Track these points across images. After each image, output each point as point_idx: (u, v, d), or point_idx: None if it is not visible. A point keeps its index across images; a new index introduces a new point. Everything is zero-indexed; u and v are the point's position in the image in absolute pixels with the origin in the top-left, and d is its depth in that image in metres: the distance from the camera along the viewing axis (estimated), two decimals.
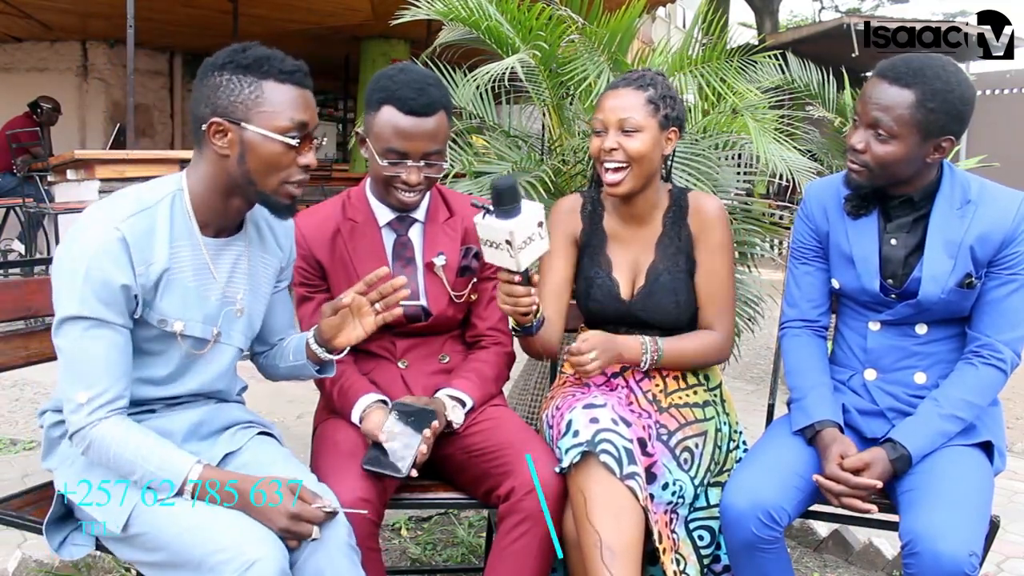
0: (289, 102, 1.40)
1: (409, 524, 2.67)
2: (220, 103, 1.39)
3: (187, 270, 1.46)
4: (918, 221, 1.71)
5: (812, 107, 3.89)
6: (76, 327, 1.37)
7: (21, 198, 6.73)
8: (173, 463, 1.38)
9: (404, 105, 1.67)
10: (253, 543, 1.31)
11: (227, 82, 1.39)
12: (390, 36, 8.79)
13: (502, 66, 2.47)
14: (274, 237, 1.64)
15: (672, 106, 1.81)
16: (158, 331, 1.45)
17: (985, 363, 1.67)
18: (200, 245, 1.47)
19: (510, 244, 1.45)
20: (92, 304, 1.35)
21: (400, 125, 1.68)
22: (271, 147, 1.39)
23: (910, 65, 1.59)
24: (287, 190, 1.44)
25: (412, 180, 1.71)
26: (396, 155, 1.70)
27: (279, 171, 1.41)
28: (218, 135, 1.40)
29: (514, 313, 1.58)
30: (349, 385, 1.75)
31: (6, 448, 3.16)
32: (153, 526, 1.37)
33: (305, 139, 1.43)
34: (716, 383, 1.90)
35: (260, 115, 1.39)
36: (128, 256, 1.37)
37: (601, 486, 1.55)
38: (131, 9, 5.29)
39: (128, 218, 1.38)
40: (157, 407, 1.52)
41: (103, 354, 1.37)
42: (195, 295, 1.47)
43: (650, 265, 1.86)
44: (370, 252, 1.80)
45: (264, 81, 1.39)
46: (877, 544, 2.54)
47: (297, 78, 1.42)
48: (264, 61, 1.40)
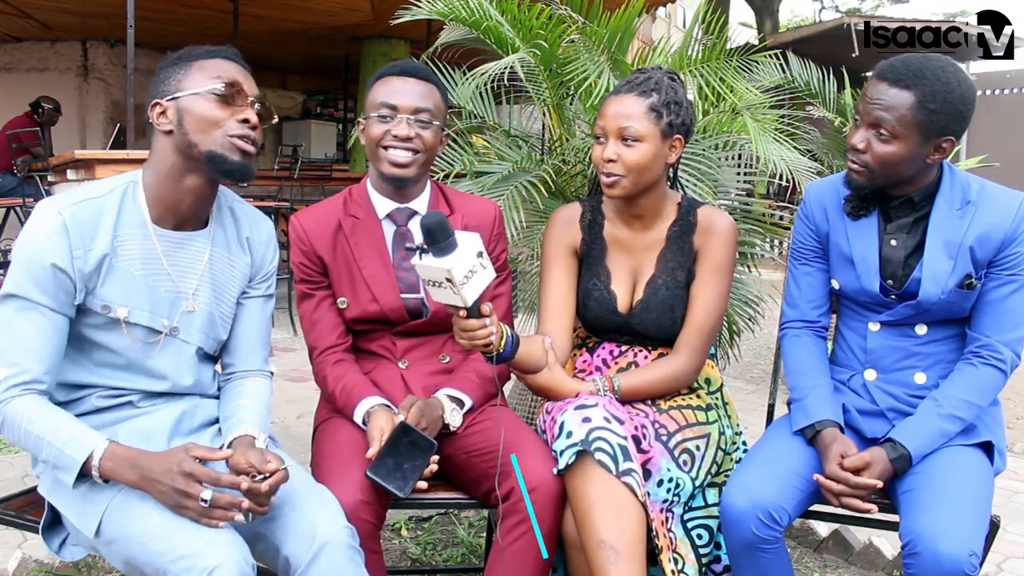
0: (216, 67, 1.49)
1: (409, 524, 2.67)
2: (157, 90, 1.50)
3: (134, 259, 1.48)
4: (918, 222, 1.71)
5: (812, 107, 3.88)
6: (9, 305, 1.40)
7: (21, 198, 6.73)
8: (79, 441, 1.36)
9: (396, 68, 1.80)
10: (213, 548, 1.29)
11: (163, 74, 1.51)
12: (390, 36, 8.79)
13: (500, 66, 2.47)
14: (242, 240, 1.64)
15: (677, 112, 1.75)
16: (104, 318, 1.47)
17: (985, 363, 1.67)
18: (151, 235, 1.50)
19: (451, 282, 1.41)
20: (25, 285, 1.40)
21: (391, 84, 1.78)
22: (201, 103, 1.46)
23: (910, 66, 1.59)
24: (231, 143, 1.47)
25: (401, 133, 1.73)
26: (387, 108, 1.75)
27: (215, 125, 1.46)
28: (160, 116, 1.48)
29: (474, 348, 1.54)
30: (353, 385, 1.75)
31: (6, 448, 3.16)
32: (122, 532, 1.36)
33: (238, 96, 1.48)
34: (717, 386, 1.89)
35: (190, 81, 1.48)
36: (67, 240, 1.41)
37: (599, 485, 1.54)
38: (131, 9, 5.29)
39: (72, 205, 1.44)
40: (134, 398, 1.52)
41: (28, 335, 1.39)
42: (142, 283, 1.49)
43: (649, 278, 1.83)
44: (371, 246, 1.81)
45: (192, 61, 1.50)
46: (877, 544, 2.54)
47: (224, 53, 1.52)
48: (192, 49, 1.51)
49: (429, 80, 1.80)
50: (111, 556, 1.42)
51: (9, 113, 7.86)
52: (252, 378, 1.66)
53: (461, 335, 1.52)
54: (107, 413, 1.51)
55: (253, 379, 1.66)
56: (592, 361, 1.90)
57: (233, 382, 1.65)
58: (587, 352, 1.92)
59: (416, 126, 1.75)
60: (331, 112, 12.44)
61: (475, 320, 1.49)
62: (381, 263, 1.80)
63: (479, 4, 2.65)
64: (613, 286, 1.85)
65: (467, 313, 1.48)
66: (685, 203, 1.86)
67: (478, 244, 1.44)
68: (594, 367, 1.88)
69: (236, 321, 1.65)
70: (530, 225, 2.65)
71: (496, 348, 1.56)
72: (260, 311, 1.68)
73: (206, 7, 7.96)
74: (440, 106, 1.80)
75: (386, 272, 1.80)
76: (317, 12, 8.32)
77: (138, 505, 1.36)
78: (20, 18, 8.94)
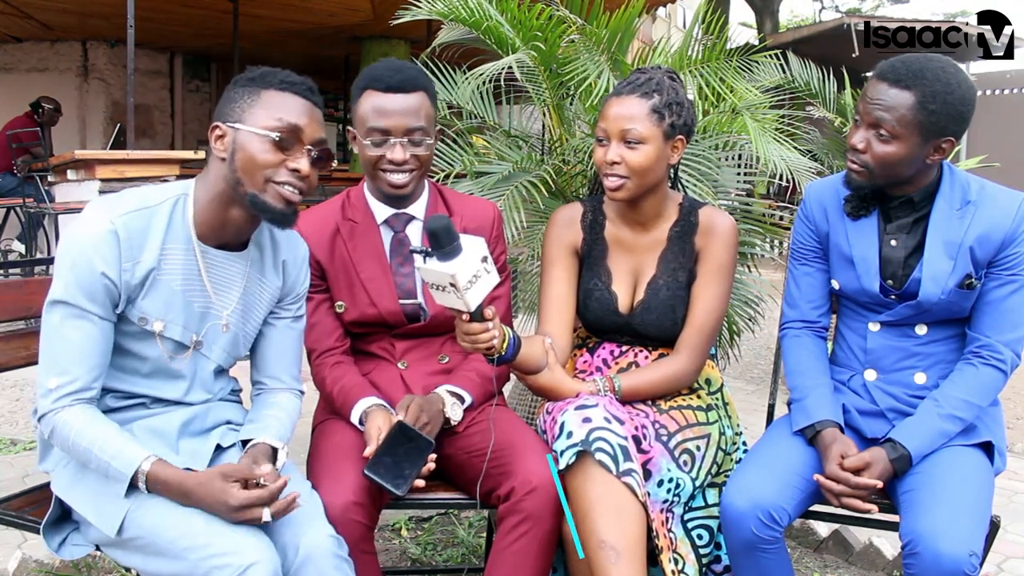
0: (282, 105, 1.43)
1: (409, 524, 2.67)
2: (223, 110, 1.45)
3: (176, 273, 1.47)
4: (918, 222, 1.71)
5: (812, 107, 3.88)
6: (58, 312, 1.39)
7: (21, 198, 6.74)
8: (126, 454, 1.37)
9: (381, 84, 1.71)
10: (249, 547, 1.31)
11: (232, 94, 1.45)
12: (390, 36, 8.80)
13: (499, 66, 2.47)
14: (276, 262, 1.61)
15: (679, 113, 1.75)
16: (138, 329, 1.46)
17: (985, 363, 1.67)
18: (195, 252, 1.48)
19: (455, 287, 1.40)
20: (74, 292, 1.38)
21: (379, 103, 1.71)
22: (255, 143, 1.41)
23: (910, 66, 1.59)
24: (275, 191, 1.43)
25: (397, 158, 1.71)
26: (379, 133, 1.71)
27: (262, 169, 1.42)
28: (218, 140, 1.45)
29: (476, 350, 1.54)
30: (351, 386, 1.75)
31: (6, 448, 3.16)
32: (148, 530, 1.37)
33: (296, 143, 1.43)
34: (717, 386, 1.89)
35: (252, 115, 1.42)
36: (117, 250, 1.39)
37: (599, 485, 1.54)
38: (131, 9, 5.29)
39: (125, 214, 1.41)
40: (147, 401, 1.52)
41: (78, 343, 1.39)
42: (180, 299, 1.48)
43: (651, 279, 1.83)
44: (369, 251, 1.81)
45: (265, 89, 1.44)
46: (877, 544, 2.54)
47: (298, 88, 1.45)
48: (268, 74, 1.45)
49: (416, 87, 1.73)
50: (127, 555, 1.42)
51: (9, 113, 7.87)
52: (284, 393, 1.66)
53: (463, 338, 1.52)
54: (120, 413, 1.51)
55: (285, 394, 1.66)
56: (592, 361, 1.90)
57: (264, 395, 1.66)
58: (587, 352, 1.92)
59: (410, 147, 1.72)
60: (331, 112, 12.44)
61: (478, 324, 1.49)
62: (379, 268, 1.80)
63: (479, 4, 2.65)
64: (614, 286, 1.85)
65: (470, 317, 1.48)
66: (686, 204, 1.86)
67: (483, 249, 1.43)
68: (594, 367, 1.88)
69: (267, 341, 1.65)
70: (530, 225, 2.65)
71: (498, 351, 1.56)
72: (291, 332, 1.67)
73: (206, 7, 7.96)
74: (431, 113, 1.76)
75: (384, 277, 1.79)
76: (317, 12, 8.33)
77: (164, 503, 1.37)
78: (20, 18, 8.94)
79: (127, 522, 1.39)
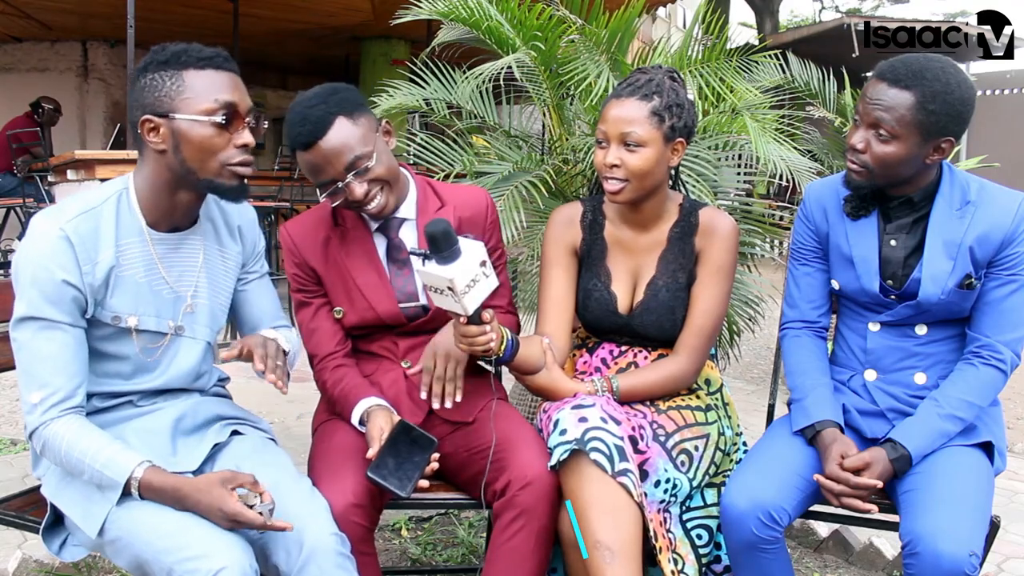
0: (210, 85, 1.42)
1: (409, 524, 2.67)
2: (147, 101, 1.42)
3: (137, 266, 1.48)
4: (918, 222, 1.71)
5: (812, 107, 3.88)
6: (27, 328, 1.39)
7: (21, 198, 6.74)
8: (118, 462, 1.37)
9: (297, 143, 1.65)
10: (220, 550, 1.30)
11: (151, 81, 1.42)
12: (390, 36, 8.80)
13: (498, 66, 2.47)
14: (231, 229, 1.64)
15: (679, 115, 1.73)
16: (113, 328, 1.47)
17: (985, 363, 1.67)
18: (148, 241, 1.49)
19: (452, 291, 1.41)
20: (40, 305, 1.38)
21: (306, 160, 1.66)
22: (200, 131, 1.41)
23: (910, 67, 1.59)
24: (230, 171, 1.44)
25: (357, 195, 1.66)
26: (326, 186, 1.67)
27: (215, 154, 1.42)
28: (151, 132, 1.43)
29: (473, 353, 1.55)
30: (351, 387, 1.75)
31: (6, 448, 3.17)
32: (127, 531, 1.37)
33: (235, 118, 1.43)
34: (717, 387, 1.89)
35: (184, 103, 1.41)
36: (73, 254, 1.39)
37: (594, 485, 1.54)
38: (131, 9, 5.29)
39: (72, 219, 1.41)
40: (134, 398, 1.53)
41: (53, 354, 1.39)
42: (147, 289, 1.49)
43: (650, 280, 1.82)
44: (363, 256, 1.79)
45: (184, 71, 1.42)
46: (877, 544, 2.54)
47: (216, 62, 1.44)
48: (181, 53, 1.43)
49: (326, 126, 1.61)
50: (115, 555, 1.42)
51: (9, 113, 7.87)
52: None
53: (461, 341, 1.52)
54: (107, 414, 1.51)
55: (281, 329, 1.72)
56: (592, 362, 1.90)
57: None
58: (587, 352, 1.92)
59: (362, 178, 1.65)
60: None
61: (475, 327, 1.50)
62: (375, 272, 1.78)
63: (479, 4, 2.65)
64: (613, 287, 1.85)
65: (467, 320, 1.48)
66: (687, 204, 1.86)
67: (482, 253, 1.44)
68: (593, 368, 1.88)
69: (247, 305, 1.69)
70: (530, 225, 2.65)
71: (495, 352, 1.57)
72: (262, 287, 1.72)
73: (206, 7, 7.96)
74: (360, 132, 1.64)
75: (381, 281, 1.78)
76: (317, 12, 8.33)
77: (145, 505, 1.37)
78: (20, 18, 8.94)
79: (108, 524, 1.39)
